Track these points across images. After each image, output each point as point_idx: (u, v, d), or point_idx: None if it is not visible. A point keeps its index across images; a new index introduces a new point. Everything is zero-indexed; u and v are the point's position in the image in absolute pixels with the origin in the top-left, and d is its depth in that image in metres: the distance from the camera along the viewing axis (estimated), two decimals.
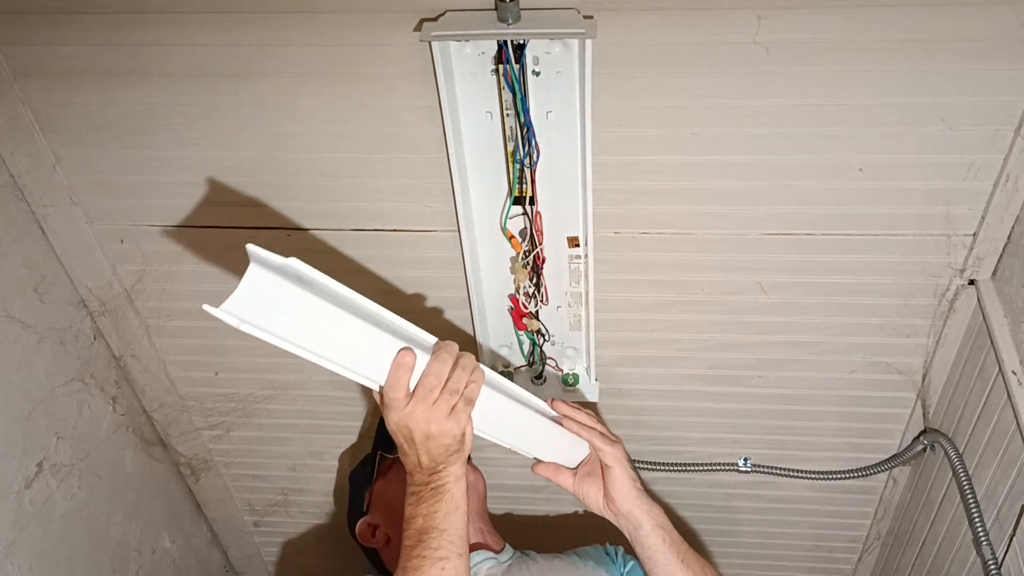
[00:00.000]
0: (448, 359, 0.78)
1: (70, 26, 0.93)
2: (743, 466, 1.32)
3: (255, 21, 0.90)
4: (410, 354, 0.75)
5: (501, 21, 0.83)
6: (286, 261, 0.64)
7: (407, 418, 0.77)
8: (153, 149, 1.04)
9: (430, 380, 0.77)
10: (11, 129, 1.03)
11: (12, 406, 1.09)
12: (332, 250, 1.12)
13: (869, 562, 1.52)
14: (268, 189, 1.06)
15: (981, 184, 0.96)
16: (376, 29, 0.89)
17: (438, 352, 0.78)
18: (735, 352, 1.19)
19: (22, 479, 1.11)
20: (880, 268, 1.06)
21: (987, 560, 0.99)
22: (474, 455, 1.45)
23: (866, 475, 1.29)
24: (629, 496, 0.92)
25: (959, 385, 1.12)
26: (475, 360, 0.81)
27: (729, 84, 0.90)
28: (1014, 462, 0.96)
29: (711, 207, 1.02)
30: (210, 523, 1.63)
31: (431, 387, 0.76)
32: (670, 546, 0.92)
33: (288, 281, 0.65)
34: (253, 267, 0.62)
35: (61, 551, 1.19)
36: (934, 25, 0.83)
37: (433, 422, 0.77)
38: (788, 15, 0.84)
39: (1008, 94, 0.88)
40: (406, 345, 0.76)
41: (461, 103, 0.91)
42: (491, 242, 1.04)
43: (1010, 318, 0.99)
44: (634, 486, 0.93)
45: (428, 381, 0.76)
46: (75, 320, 1.21)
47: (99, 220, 1.13)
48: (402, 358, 0.75)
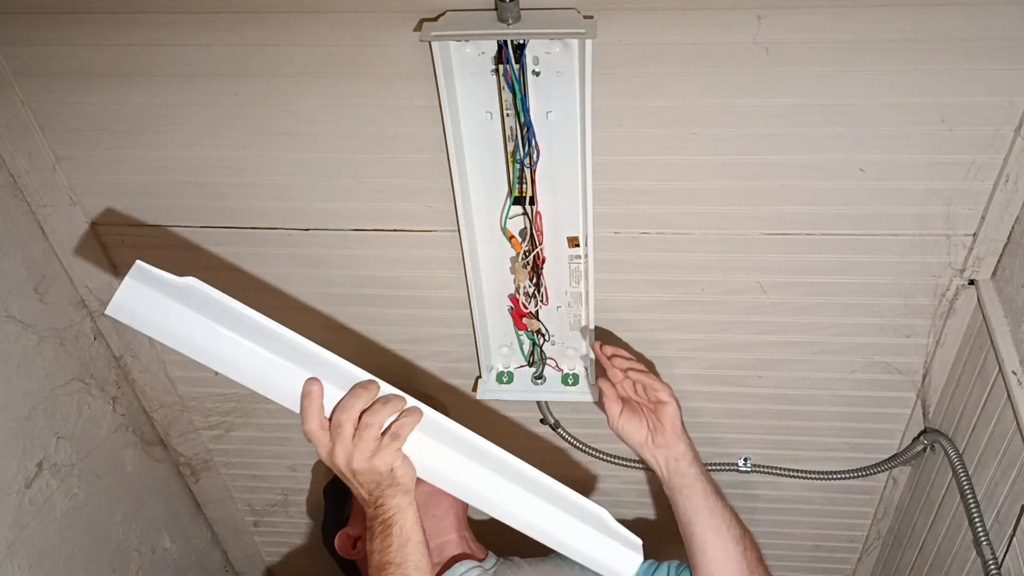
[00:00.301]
0: (361, 393, 0.77)
1: (70, 26, 0.93)
2: (743, 466, 1.32)
3: (255, 21, 0.90)
4: (314, 384, 0.75)
5: (501, 21, 0.83)
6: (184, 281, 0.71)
7: (329, 454, 0.78)
8: (153, 149, 1.04)
9: (338, 415, 0.77)
10: (11, 129, 1.03)
11: (12, 406, 1.09)
12: (332, 250, 1.12)
13: (869, 562, 1.52)
14: (268, 189, 1.06)
15: (981, 184, 0.96)
16: (376, 29, 0.89)
17: (353, 388, 0.78)
18: (735, 352, 1.19)
19: (22, 479, 1.11)
20: (880, 268, 1.06)
21: (987, 560, 0.99)
22: None
23: (866, 475, 1.29)
24: (679, 429, 0.99)
25: (959, 385, 1.12)
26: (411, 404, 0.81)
27: (729, 84, 0.90)
28: (1014, 462, 0.96)
29: (711, 207, 1.02)
30: (210, 523, 1.63)
31: (339, 422, 0.76)
32: (707, 477, 0.98)
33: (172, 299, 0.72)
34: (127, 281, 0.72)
35: (61, 551, 1.19)
36: (934, 25, 0.83)
37: (354, 459, 0.77)
38: (788, 15, 0.84)
39: (1008, 94, 0.88)
40: (312, 376, 0.76)
41: (461, 103, 0.91)
42: (491, 242, 1.04)
43: (1010, 318, 0.99)
44: (682, 422, 1.00)
45: (336, 416, 0.77)
46: (75, 320, 1.21)
47: (99, 220, 1.13)
48: (307, 388, 0.76)
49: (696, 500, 0.96)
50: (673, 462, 0.98)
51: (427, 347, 1.24)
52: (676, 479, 0.98)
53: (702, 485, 0.97)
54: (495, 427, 1.36)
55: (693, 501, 0.96)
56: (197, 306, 0.72)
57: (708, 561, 0.95)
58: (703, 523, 0.96)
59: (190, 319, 0.72)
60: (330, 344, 1.24)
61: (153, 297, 0.72)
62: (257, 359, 0.74)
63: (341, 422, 0.76)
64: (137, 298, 0.72)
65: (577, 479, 1.46)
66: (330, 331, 1.23)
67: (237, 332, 0.73)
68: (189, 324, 0.72)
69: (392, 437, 0.78)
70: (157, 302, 0.71)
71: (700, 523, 0.96)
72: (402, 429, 0.79)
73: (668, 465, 0.98)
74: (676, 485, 0.98)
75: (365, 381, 0.79)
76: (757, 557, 0.97)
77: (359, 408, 0.77)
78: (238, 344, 0.73)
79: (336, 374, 0.77)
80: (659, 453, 0.99)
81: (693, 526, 0.96)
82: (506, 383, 1.19)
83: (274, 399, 0.76)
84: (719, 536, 0.95)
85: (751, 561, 0.96)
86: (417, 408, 0.81)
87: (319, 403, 0.77)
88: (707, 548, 0.95)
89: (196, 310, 0.72)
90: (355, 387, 0.78)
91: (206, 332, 0.72)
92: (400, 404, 0.79)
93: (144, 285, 0.72)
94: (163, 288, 0.72)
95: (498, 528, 0.90)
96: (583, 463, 1.39)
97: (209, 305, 0.72)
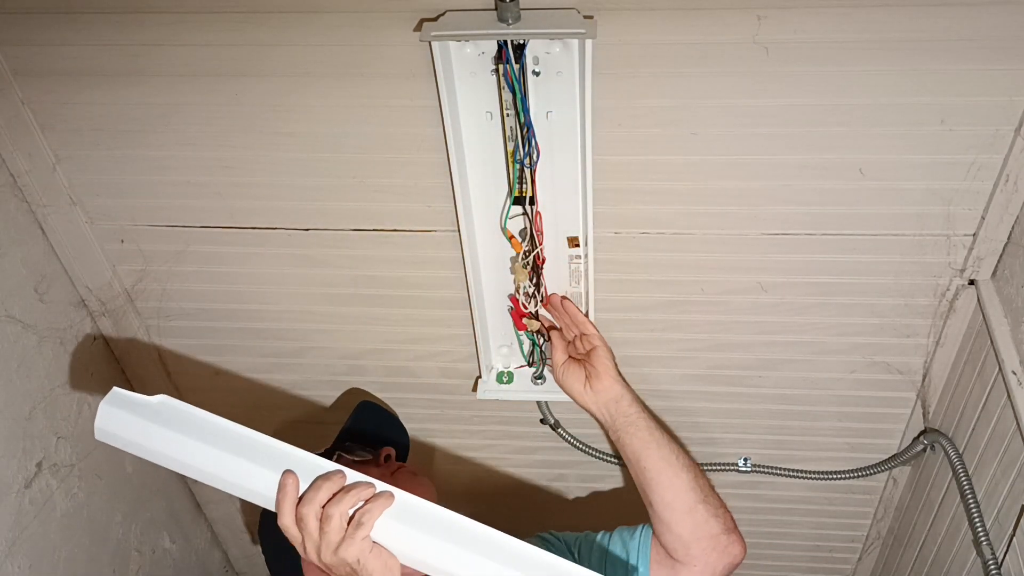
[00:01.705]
0: (322, 485, 0.76)
1: (70, 26, 0.93)
2: (743, 466, 1.32)
3: (255, 21, 0.90)
4: (288, 478, 0.76)
5: (501, 21, 0.83)
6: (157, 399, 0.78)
7: (302, 548, 0.77)
8: (153, 149, 1.04)
9: (300, 509, 0.76)
10: (11, 129, 1.03)
11: (12, 406, 1.09)
12: (332, 250, 1.12)
13: (869, 562, 1.52)
14: (268, 189, 1.06)
15: (981, 184, 0.96)
16: (376, 29, 0.89)
17: (314, 481, 0.77)
18: (735, 352, 1.19)
19: (22, 479, 1.11)
20: (880, 268, 1.06)
21: (987, 560, 1.00)
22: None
23: (866, 475, 1.29)
24: (612, 373, 1.03)
25: (959, 385, 1.12)
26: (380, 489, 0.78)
27: (729, 84, 0.90)
28: (1014, 462, 0.96)
29: (711, 207, 1.02)
30: (210, 523, 1.63)
31: (302, 516, 0.76)
32: (648, 414, 1.01)
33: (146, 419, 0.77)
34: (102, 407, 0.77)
35: (61, 551, 1.19)
36: (934, 25, 0.83)
37: (322, 552, 0.76)
38: (788, 15, 0.84)
39: (1008, 94, 0.88)
40: (288, 469, 0.77)
41: (461, 103, 0.91)
42: (491, 242, 1.04)
43: (1010, 318, 0.99)
44: (616, 366, 1.04)
45: (300, 510, 0.76)
46: (75, 320, 1.21)
47: (99, 220, 1.13)
48: (281, 482, 0.76)
49: (643, 436, 0.99)
50: (613, 404, 1.01)
51: (427, 347, 1.24)
52: (620, 420, 1.01)
53: (645, 421, 1.00)
54: (495, 427, 1.37)
55: (640, 437, 0.99)
56: (170, 422, 0.77)
57: (664, 491, 0.97)
58: (652, 456, 0.98)
59: (165, 437, 0.77)
60: (330, 344, 1.25)
61: (129, 420, 0.77)
62: (231, 466, 0.77)
63: (304, 515, 0.76)
64: (116, 422, 0.77)
65: (577, 479, 1.46)
66: (330, 331, 1.23)
67: (209, 443, 0.77)
68: (165, 442, 0.77)
69: (356, 526, 0.76)
70: (134, 424, 0.77)
71: (650, 456, 0.98)
72: (365, 517, 0.76)
73: (609, 408, 1.02)
74: (620, 426, 1.01)
75: (329, 472, 0.78)
76: (709, 486, 1.00)
77: (321, 500, 0.76)
78: (211, 455, 0.77)
79: (307, 469, 0.78)
80: (599, 399, 1.02)
81: (643, 461, 0.99)
82: (506, 383, 1.19)
83: (253, 501, 0.79)
84: (669, 465, 0.98)
85: (703, 488, 0.99)
86: (387, 493, 0.78)
87: (292, 497, 0.76)
88: (661, 478, 0.97)
89: (170, 427, 0.77)
90: (317, 479, 0.77)
91: (180, 448, 0.77)
92: (365, 492, 0.77)
93: (119, 409, 0.78)
94: (137, 410, 0.78)
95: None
96: (583, 463, 1.39)
97: (181, 419, 0.78)
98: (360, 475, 0.78)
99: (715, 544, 0.97)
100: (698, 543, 0.97)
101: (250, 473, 0.77)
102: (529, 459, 1.43)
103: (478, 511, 0.89)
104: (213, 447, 0.77)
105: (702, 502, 0.97)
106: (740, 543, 0.99)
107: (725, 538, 0.98)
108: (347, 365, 1.29)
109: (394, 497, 0.78)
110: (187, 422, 0.78)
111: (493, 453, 1.42)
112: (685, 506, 0.97)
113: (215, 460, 0.77)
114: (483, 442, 1.40)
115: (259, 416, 1.39)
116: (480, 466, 1.45)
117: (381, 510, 0.77)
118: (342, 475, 0.78)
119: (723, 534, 0.97)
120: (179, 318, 1.24)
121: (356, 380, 1.31)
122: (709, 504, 0.98)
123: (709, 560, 0.97)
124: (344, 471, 0.78)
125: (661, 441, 0.99)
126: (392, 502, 0.78)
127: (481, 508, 1.51)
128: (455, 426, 1.37)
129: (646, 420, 1.00)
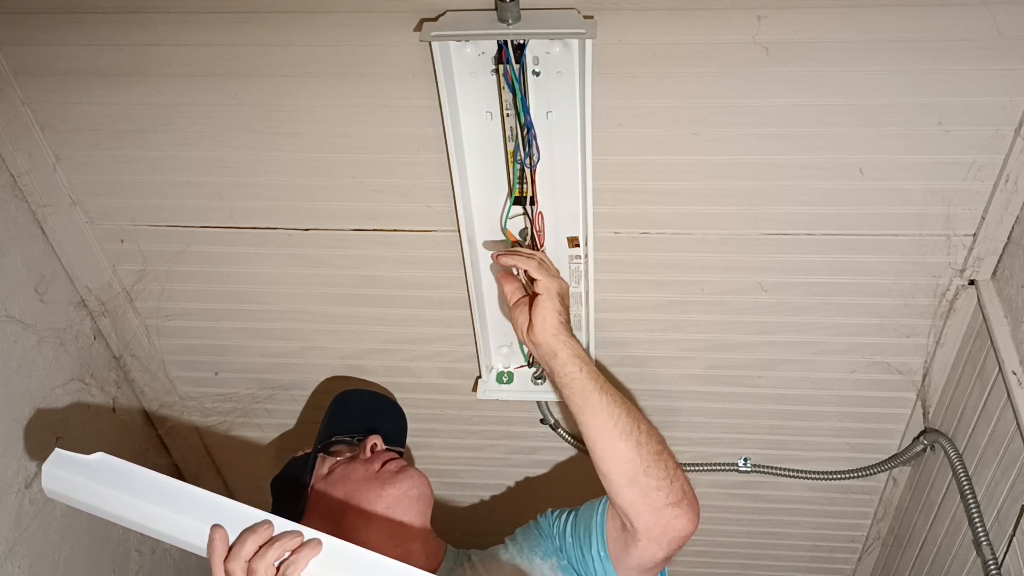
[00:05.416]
0: (247, 538, 0.77)
1: (70, 26, 0.93)
2: (743, 466, 1.32)
3: (255, 21, 0.90)
4: (216, 531, 0.78)
5: (501, 21, 0.83)
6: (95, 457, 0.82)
7: None
8: (153, 149, 1.04)
9: (227, 564, 0.77)
10: (11, 129, 1.03)
11: (12, 406, 1.09)
12: (332, 250, 1.12)
13: (869, 562, 1.52)
14: (268, 189, 1.06)
15: (981, 184, 0.96)
16: (376, 29, 0.89)
17: (240, 535, 0.78)
18: (735, 352, 1.19)
19: (22, 479, 1.11)
20: (880, 268, 1.06)
21: (987, 560, 1.00)
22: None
23: (866, 475, 1.30)
24: (548, 326, 0.94)
25: (959, 385, 1.12)
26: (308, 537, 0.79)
27: (729, 84, 0.90)
28: (1014, 462, 0.96)
29: (711, 207, 1.02)
30: None
31: (230, 572, 0.77)
32: (587, 375, 0.93)
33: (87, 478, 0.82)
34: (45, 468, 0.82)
35: (61, 551, 1.19)
36: (934, 25, 0.83)
37: None
38: (788, 15, 0.84)
39: (1008, 94, 0.88)
40: (216, 523, 0.79)
41: (461, 103, 0.91)
42: (491, 242, 1.04)
43: (1010, 318, 0.99)
44: (558, 319, 0.95)
45: (227, 566, 0.77)
46: (75, 320, 1.21)
47: (99, 220, 1.13)
48: (210, 536, 0.78)
49: (575, 400, 0.93)
50: (550, 358, 0.95)
51: (427, 347, 1.24)
52: (556, 379, 0.95)
53: (580, 384, 0.93)
54: (495, 427, 1.37)
55: (573, 401, 0.93)
56: (109, 480, 0.82)
57: (600, 461, 0.93)
58: (587, 423, 0.93)
59: (104, 495, 0.81)
60: (330, 344, 1.25)
61: (71, 479, 0.82)
62: (166, 520, 0.80)
63: (231, 572, 0.77)
64: (60, 482, 0.82)
65: (576, 479, 1.46)
66: (330, 331, 1.24)
67: (146, 499, 0.81)
68: (104, 500, 0.81)
69: None
70: (75, 484, 0.82)
71: (585, 423, 0.93)
72: (291, 569, 0.77)
73: (547, 363, 0.96)
74: (559, 384, 0.95)
75: (254, 524, 0.79)
76: (655, 451, 0.92)
77: (246, 555, 0.77)
78: (147, 511, 0.81)
79: (237, 520, 0.80)
80: (537, 351, 0.97)
81: (580, 426, 0.94)
82: (506, 383, 1.19)
83: (190, 550, 0.81)
84: (604, 434, 0.92)
85: (646, 456, 0.91)
86: (314, 541, 0.79)
87: (220, 552, 0.78)
88: (595, 448, 0.93)
89: (109, 485, 0.81)
90: (243, 532, 0.78)
91: (119, 504, 0.81)
92: (291, 542, 0.78)
93: (61, 470, 0.82)
94: (77, 469, 0.82)
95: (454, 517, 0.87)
96: (582, 463, 1.39)
97: (118, 477, 0.82)
98: (288, 523, 0.79)
99: (657, 518, 0.90)
100: (639, 517, 0.90)
101: (184, 526, 0.80)
102: (529, 459, 1.43)
103: (478, 511, 0.90)
104: (149, 503, 0.80)
105: (643, 473, 0.90)
106: (687, 515, 0.90)
107: (669, 512, 0.90)
108: (347, 365, 1.29)
109: (322, 544, 0.79)
110: (124, 479, 0.81)
111: (493, 453, 1.42)
112: (623, 478, 0.91)
113: (150, 515, 0.80)
114: (483, 442, 1.40)
115: (259, 416, 1.39)
116: (480, 466, 1.45)
117: (307, 560, 0.77)
118: (269, 526, 0.79)
119: (667, 507, 0.90)
120: (179, 318, 1.24)
121: (356, 380, 1.32)
122: (651, 476, 0.90)
123: (652, 535, 0.90)
124: (272, 520, 0.79)
125: (597, 407, 0.92)
126: (319, 550, 0.78)
127: (481, 508, 1.52)
128: (455, 426, 1.37)
129: (582, 383, 0.93)
